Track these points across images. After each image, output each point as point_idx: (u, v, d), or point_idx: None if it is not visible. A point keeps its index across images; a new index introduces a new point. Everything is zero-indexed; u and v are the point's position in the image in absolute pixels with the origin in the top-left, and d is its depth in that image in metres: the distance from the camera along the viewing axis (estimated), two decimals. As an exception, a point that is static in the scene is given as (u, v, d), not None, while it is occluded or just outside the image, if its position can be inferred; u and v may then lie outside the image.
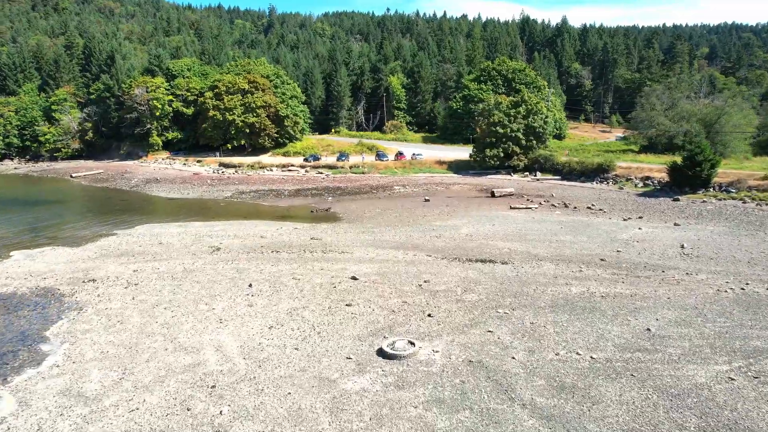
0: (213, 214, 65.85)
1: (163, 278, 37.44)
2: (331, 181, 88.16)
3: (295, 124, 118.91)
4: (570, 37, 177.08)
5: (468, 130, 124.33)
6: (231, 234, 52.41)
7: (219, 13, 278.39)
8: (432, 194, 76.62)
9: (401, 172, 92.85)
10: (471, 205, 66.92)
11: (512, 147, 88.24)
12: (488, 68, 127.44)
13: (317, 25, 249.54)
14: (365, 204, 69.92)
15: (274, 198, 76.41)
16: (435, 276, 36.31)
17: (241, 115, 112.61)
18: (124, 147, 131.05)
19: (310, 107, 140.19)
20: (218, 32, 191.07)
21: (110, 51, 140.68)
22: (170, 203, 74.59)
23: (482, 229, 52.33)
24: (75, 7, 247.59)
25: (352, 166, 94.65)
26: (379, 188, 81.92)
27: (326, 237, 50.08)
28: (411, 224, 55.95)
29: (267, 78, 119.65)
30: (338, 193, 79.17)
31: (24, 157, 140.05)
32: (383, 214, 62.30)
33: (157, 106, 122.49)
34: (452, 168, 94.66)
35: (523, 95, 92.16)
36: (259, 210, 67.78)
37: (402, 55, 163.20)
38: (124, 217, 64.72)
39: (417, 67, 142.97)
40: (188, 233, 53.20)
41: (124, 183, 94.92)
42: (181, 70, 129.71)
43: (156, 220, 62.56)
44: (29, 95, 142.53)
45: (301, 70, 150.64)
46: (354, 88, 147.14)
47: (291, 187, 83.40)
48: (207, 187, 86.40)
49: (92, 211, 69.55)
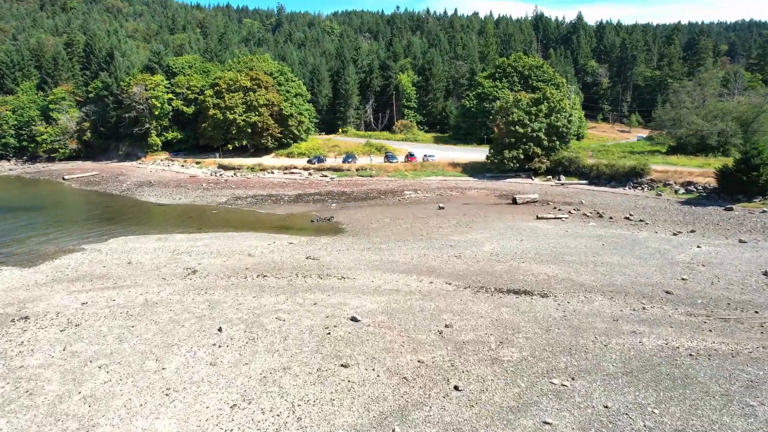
0: (201, 223, 57.50)
1: (115, 315, 29.03)
2: (336, 185, 79.60)
3: (299, 124, 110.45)
4: (586, 34, 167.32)
5: (482, 130, 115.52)
6: (214, 251, 43.96)
7: (227, 13, 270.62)
8: (446, 200, 67.86)
9: (412, 175, 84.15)
10: (491, 214, 58.10)
11: (533, 148, 79.27)
12: (503, 65, 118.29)
13: (326, 24, 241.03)
14: (372, 212, 61.32)
15: (273, 204, 67.96)
16: (459, 316, 27.65)
17: (242, 114, 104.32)
18: (122, 147, 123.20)
19: (317, 106, 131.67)
20: (224, 30, 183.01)
21: (109, 48, 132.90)
22: (158, 210, 66.38)
23: (509, 245, 43.51)
24: (83, 7, 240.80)
25: (359, 169, 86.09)
26: (388, 193, 73.28)
27: (325, 256, 41.49)
28: (424, 238, 47.25)
29: (270, 75, 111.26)
30: (343, 198, 70.58)
31: (21, 158, 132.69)
32: (392, 225, 53.66)
33: (156, 105, 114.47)
34: (467, 171, 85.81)
35: (544, 92, 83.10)
36: (254, 219, 59.35)
37: (412, 52, 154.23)
38: (102, 226, 56.56)
39: (428, 64, 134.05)
40: (166, 249, 44.82)
41: (116, 186, 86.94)
42: (182, 67, 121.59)
43: (136, 230, 54.30)
44: (27, 94, 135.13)
45: (308, 67, 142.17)
46: (362, 86, 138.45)
47: (292, 192, 74.94)
48: (201, 191, 78.16)
49: (70, 219, 61.49)
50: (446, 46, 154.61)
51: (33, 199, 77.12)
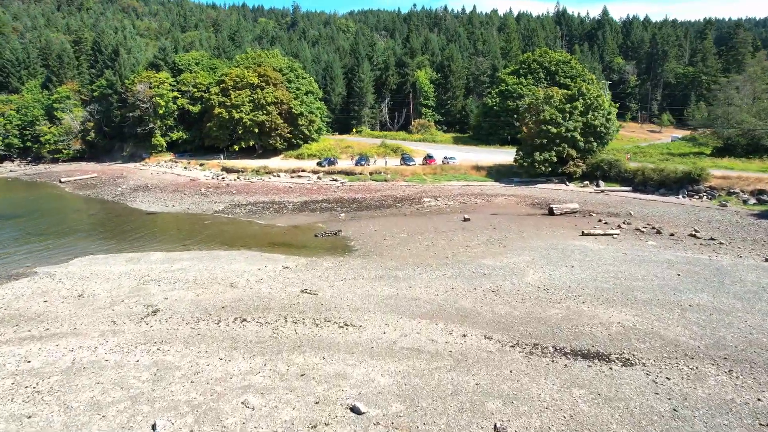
0: (188, 237, 48.35)
1: (15, 392, 19.89)
2: (347, 190, 70.11)
3: (310, 123, 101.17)
4: (612, 29, 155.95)
5: (506, 130, 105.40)
6: (191, 278, 34.73)
7: (243, 12, 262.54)
8: (471, 210, 58.05)
9: (431, 180, 74.37)
10: (526, 228, 48.19)
11: (567, 150, 69.05)
12: (528, 60, 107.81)
13: (341, 22, 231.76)
14: (387, 224, 51.72)
15: (274, 214, 58.66)
16: (512, 407, 18.03)
17: (249, 112, 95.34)
18: (127, 148, 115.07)
19: (330, 105, 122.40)
20: (237, 28, 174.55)
21: (115, 45, 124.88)
22: (145, 220, 57.47)
23: (558, 274, 33.67)
24: (99, 7, 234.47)
25: (373, 172, 76.56)
26: (405, 201, 63.61)
27: (325, 288, 32.04)
28: (450, 261, 37.60)
29: (280, 71, 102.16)
30: (354, 207, 61.06)
31: (25, 158, 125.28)
32: (410, 242, 44.04)
33: (160, 104, 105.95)
34: (492, 175, 75.82)
35: (580, 87, 72.70)
36: (249, 232, 50.02)
37: (430, 49, 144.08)
38: (74, 241, 47.70)
39: (447, 61, 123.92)
40: (133, 275, 35.70)
41: (110, 191, 78.41)
42: (188, 64, 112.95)
43: (111, 246, 45.35)
44: (32, 93, 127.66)
45: (321, 65, 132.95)
46: (378, 83, 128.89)
47: (297, 199, 65.62)
48: (199, 197, 69.19)
49: (42, 231, 52.76)
50: (466, 42, 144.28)
51: (16, 205, 68.81)
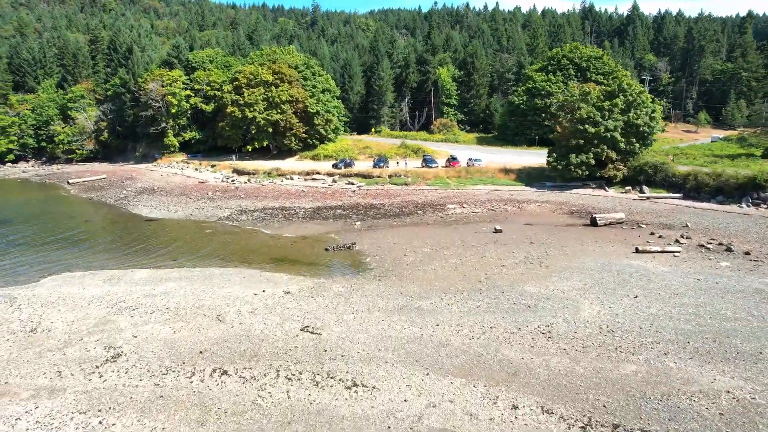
0: (183, 250, 42.07)
1: None
2: (364, 195, 63.38)
3: (326, 123, 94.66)
4: (643, 25, 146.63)
5: (533, 130, 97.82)
6: (173, 306, 28.37)
7: (263, 12, 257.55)
8: (502, 219, 50.91)
9: (455, 184, 67.27)
10: (568, 242, 40.94)
11: (606, 152, 61.35)
12: (557, 56, 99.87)
13: (361, 21, 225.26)
14: (407, 235, 44.86)
15: (283, 222, 52.16)
16: None
17: (263, 111, 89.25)
18: (139, 148, 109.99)
19: (348, 104, 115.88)
20: (255, 27, 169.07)
21: (129, 43, 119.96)
22: (142, 228, 51.43)
23: (619, 307, 26.54)
24: (121, 8, 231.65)
25: (392, 175, 69.72)
26: (428, 207, 56.61)
27: (332, 324, 25.40)
28: (484, 286, 30.68)
29: (295, 68, 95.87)
30: (371, 214, 54.27)
31: (40, 159, 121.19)
32: (435, 259, 37.15)
33: (173, 103, 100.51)
34: (522, 178, 68.40)
35: (620, 82, 64.84)
36: (253, 245, 43.51)
37: (452, 46, 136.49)
38: (55, 254, 41.73)
39: (470, 57, 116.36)
40: (106, 300, 29.48)
41: (115, 194, 72.84)
42: (202, 61, 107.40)
43: (94, 261, 39.24)
44: (47, 92, 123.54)
45: (339, 62, 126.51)
46: (398, 82, 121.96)
47: (309, 205, 59.12)
48: (205, 201, 63.12)
49: (26, 240, 47.00)
50: (489, 39, 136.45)
51: (14, 209, 63.49)
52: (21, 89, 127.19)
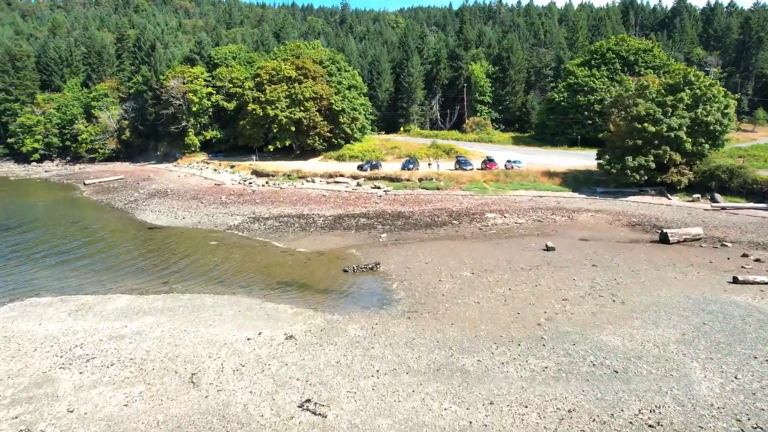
0: (178, 267, 35.12)
1: None
2: (391, 201, 55.83)
3: (352, 121, 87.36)
4: (690, 17, 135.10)
5: (574, 129, 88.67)
6: (139, 355, 21.37)
7: (292, 11, 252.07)
8: (551, 231, 42.77)
9: (493, 189, 59.14)
10: (638, 265, 32.64)
11: (669, 153, 52.40)
12: (601, 49, 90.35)
13: (390, 18, 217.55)
14: (441, 252, 37.14)
15: (298, 232, 45.00)
16: None
17: (285, 109, 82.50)
18: (161, 148, 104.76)
19: (376, 102, 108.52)
20: (282, 24, 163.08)
21: (153, 40, 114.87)
22: (142, 237, 44.97)
23: (753, 380, 18.39)
24: (152, 9, 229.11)
25: (423, 179, 62.02)
26: (463, 216, 48.73)
27: (342, 399, 17.93)
28: (546, 333, 22.84)
29: (320, 64, 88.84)
30: (399, 224, 46.68)
31: (65, 158, 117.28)
32: (477, 287, 29.39)
33: (194, 100, 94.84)
34: (568, 183, 59.85)
35: (687, 73, 55.67)
36: (259, 262, 36.33)
37: (484, 42, 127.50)
38: (33, 270, 35.40)
39: (506, 52, 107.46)
40: (60, 343, 22.75)
41: (126, 197, 66.93)
42: (225, 58, 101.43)
43: (73, 280, 32.70)
44: (72, 91, 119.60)
45: (367, 59, 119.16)
46: (428, 78, 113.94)
47: (330, 212, 51.88)
48: (217, 206, 56.51)
49: (10, 251, 40.90)
50: (525, 33, 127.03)
51: (17, 213, 58.02)
52: (48, 88, 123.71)
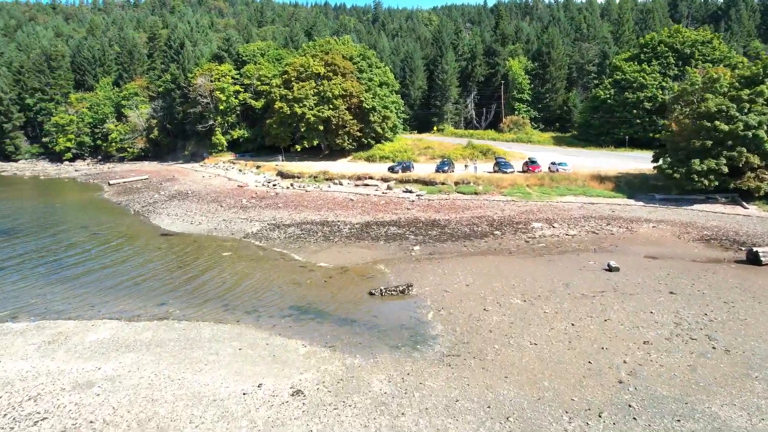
0: (178, 286, 30.11)
1: None
2: (425, 207, 50.14)
3: (384, 120, 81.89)
4: (747, 7, 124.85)
5: (622, 128, 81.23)
6: (102, 417, 16.28)
7: (324, 10, 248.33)
8: (610, 246, 36.39)
9: (538, 194, 52.79)
10: (730, 295, 26.15)
11: (745, 156, 45.17)
12: (653, 42, 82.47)
13: (423, 16, 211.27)
14: (484, 270, 31.32)
15: (321, 242, 39.77)
16: None
17: (313, 107, 77.67)
18: (188, 147, 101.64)
19: (408, 100, 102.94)
20: (314, 22, 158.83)
21: (182, 38, 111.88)
22: (150, 246, 40.47)
23: None
24: (187, 9, 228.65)
25: (459, 182, 56.10)
26: (506, 226, 42.71)
27: None
28: (633, 398, 16.87)
29: (350, 60, 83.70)
30: (433, 234, 40.97)
31: (96, 157, 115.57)
32: (531, 321, 23.53)
33: (221, 99, 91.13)
34: (621, 188, 52.97)
35: (766, 63, 48.22)
36: (272, 281, 30.99)
37: (521, 38, 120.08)
38: (16, 287, 31.11)
39: (546, 47, 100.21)
40: (6, 398, 17.90)
41: (146, 198, 63.06)
42: (253, 55, 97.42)
43: (55, 302, 28.07)
44: (104, 90, 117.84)
45: (400, 56, 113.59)
46: (463, 75, 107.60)
47: (357, 218, 46.56)
48: (237, 210, 51.85)
49: (3, 262, 36.91)
50: (566, 27, 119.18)
51: (29, 216, 54.68)
52: (81, 87, 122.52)
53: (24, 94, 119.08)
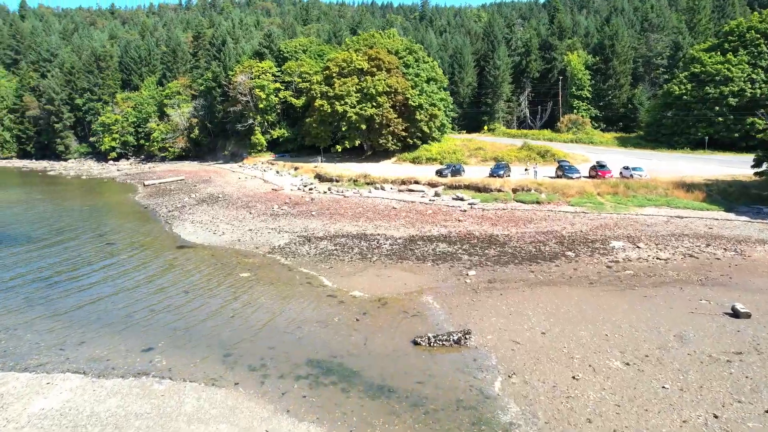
0: (175, 320, 23.94)
1: None
2: (479, 218, 42.58)
3: (431, 118, 74.44)
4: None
5: (700, 127, 70.92)
6: None
7: (371, 9, 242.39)
8: (722, 278, 27.94)
9: (611, 203, 44.32)
10: None
11: None
12: (739, 29, 71.55)
13: (472, 12, 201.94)
14: (562, 310, 23.73)
15: (356, 262, 32.94)
16: None
17: (355, 105, 71.17)
18: (228, 147, 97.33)
19: (457, 98, 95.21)
20: (360, 20, 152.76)
21: (224, 35, 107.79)
22: (162, 262, 34.77)
23: None
24: (236, 10, 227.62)
25: (518, 189, 48.20)
26: (579, 244, 34.74)
27: None
28: None
29: (395, 54, 76.70)
30: (492, 255, 33.38)
31: (139, 156, 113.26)
32: (649, 406, 15.88)
33: (260, 97, 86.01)
34: (714, 198, 43.76)
35: None
36: (294, 316, 24.20)
37: (579, 31, 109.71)
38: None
39: (609, 39, 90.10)
40: None
41: (174, 202, 57.98)
42: (294, 51, 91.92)
43: (20, 340, 22.25)
44: (148, 89, 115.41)
45: (448, 51, 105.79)
46: (516, 71, 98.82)
47: (400, 232, 39.58)
48: (266, 218, 45.81)
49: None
50: (631, 17, 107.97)
51: (49, 221, 50.46)
52: (127, 87, 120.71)
53: (74, 95, 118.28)
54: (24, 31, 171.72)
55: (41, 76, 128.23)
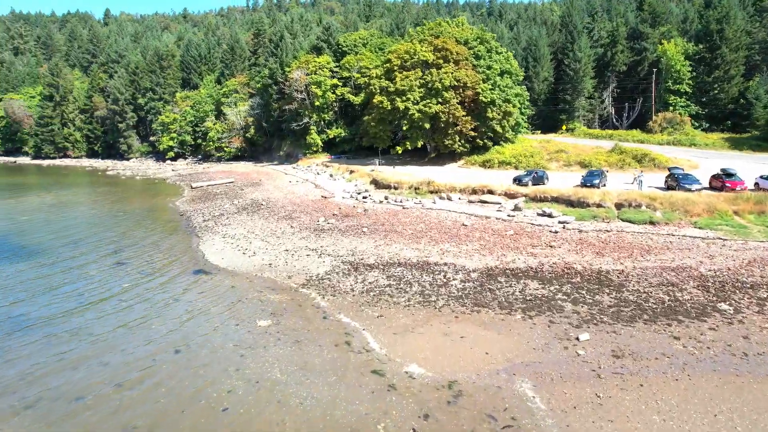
0: (155, 413, 16.13)
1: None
2: (576, 244, 32.13)
3: (504, 116, 63.86)
4: None
5: None
6: None
7: (437, 7, 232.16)
8: None
9: (757, 226, 32.73)
10: None
11: None
12: None
13: (543, 7, 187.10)
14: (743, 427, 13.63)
15: (416, 307, 23.87)
16: None
17: (419, 101, 61.97)
18: (284, 147, 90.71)
19: (531, 94, 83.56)
20: (425, 14, 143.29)
21: (281, 30, 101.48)
22: (169, 297, 27.09)
23: None
24: (300, 10, 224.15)
25: (622, 204, 37.24)
26: (734, 291, 23.93)
27: None
28: None
29: (465, 44, 66.73)
30: (607, 304, 23.32)
31: (197, 156, 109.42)
32: None
33: (317, 94, 78.64)
34: None
35: None
36: (316, 418, 15.76)
37: (671, 19, 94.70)
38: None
39: (716, 23, 75.68)
40: None
41: (214, 209, 51.08)
42: (354, 45, 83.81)
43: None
44: (206, 88, 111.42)
45: (521, 44, 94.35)
46: (599, 65, 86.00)
47: (474, 262, 29.93)
48: (309, 234, 37.55)
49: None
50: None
51: (73, 228, 44.77)
52: (187, 86, 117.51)
53: (137, 94, 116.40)
54: (100, 35, 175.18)
55: (109, 77, 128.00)
